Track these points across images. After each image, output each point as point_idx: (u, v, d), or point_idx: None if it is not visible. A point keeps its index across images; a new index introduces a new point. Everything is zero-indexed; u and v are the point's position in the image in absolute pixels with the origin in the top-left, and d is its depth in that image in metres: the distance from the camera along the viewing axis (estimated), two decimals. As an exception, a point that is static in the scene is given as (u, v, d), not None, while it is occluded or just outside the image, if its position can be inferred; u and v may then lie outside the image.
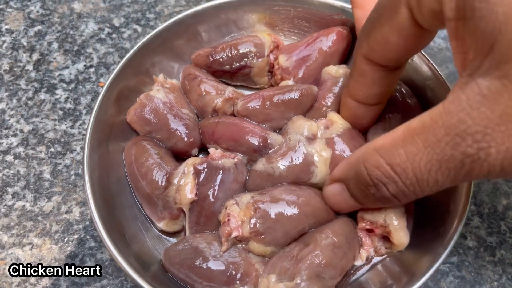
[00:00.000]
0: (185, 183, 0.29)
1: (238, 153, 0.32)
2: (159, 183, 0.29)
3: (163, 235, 0.31)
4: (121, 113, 0.33)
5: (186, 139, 0.32)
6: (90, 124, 0.30)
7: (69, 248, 0.35)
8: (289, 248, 0.28)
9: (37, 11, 0.45)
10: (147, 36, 0.33)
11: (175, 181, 0.29)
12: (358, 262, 0.29)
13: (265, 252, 0.28)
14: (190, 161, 0.30)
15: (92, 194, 0.28)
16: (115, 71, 0.32)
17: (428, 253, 0.28)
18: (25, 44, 0.43)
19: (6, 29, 0.44)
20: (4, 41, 0.43)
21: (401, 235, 0.28)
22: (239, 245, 0.28)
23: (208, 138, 0.33)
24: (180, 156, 0.33)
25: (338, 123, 0.31)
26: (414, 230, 0.30)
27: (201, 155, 0.34)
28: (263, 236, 0.28)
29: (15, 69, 0.42)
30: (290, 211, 0.28)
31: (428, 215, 0.30)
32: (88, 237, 0.35)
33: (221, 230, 0.28)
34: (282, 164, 0.30)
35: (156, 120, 0.32)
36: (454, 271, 0.34)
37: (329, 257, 0.27)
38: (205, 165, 0.30)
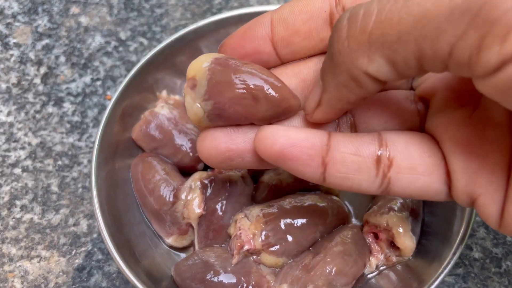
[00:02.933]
0: (193, 198, 0.29)
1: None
2: (167, 199, 0.30)
3: (172, 251, 0.31)
4: (126, 131, 0.33)
5: (191, 154, 0.33)
6: (97, 143, 0.30)
7: (77, 261, 0.35)
8: (300, 257, 0.29)
9: (45, 25, 0.45)
10: (150, 54, 0.34)
11: (183, 196, 0.30)
12: (368, 270, 0.30)
13: (277, 264, 0.28)
14: (196, 175, 0.31)
15: (101, 212, 0.28)
16: (119, 90, 0.32)
17: (437, 260, 0.28)
18: (32, 57, 0.43)
19: (14, 43, 0.44)
20: (12, 55, 0.44)
21: (405, 239, 0.29)
22: (250, 258, 0.29)
23: (214, 151, 0.33)
24: (186, 171, 0.33)
25: None
26: (422, 237, 0.31)
27: (208, 170, 0.34)
28: (275, 247, 0.28)
29: (23, 82, 0.42)
30: (300, 221, 0.29)
31: (435, 221, 0.31)
32: (95, 249, 0.35)
33: (232, 243, 0.29)
34: (289, 176, 0.31)
35: (161, 136, 0.33)
36: (460, 282, 0.34)
37: (340, 265, 0.27)
38: (212, 179, 0.30)
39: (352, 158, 0.21)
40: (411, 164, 0.21)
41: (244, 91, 0.21)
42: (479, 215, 0.20)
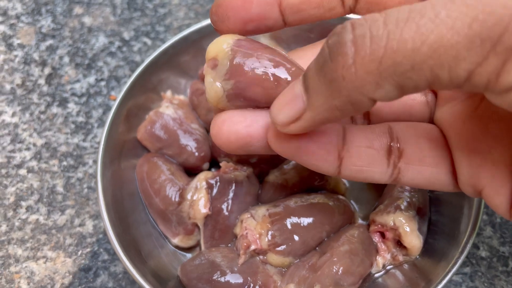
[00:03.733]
0: (198, 198, 0.29)
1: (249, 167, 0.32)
2: (173, 199, 0.30)
3: (178, 251, 0.31)
4: (131, 131, 0.33)
5: (197, 153, 0.33)
6: (102, 144, 0.30)
7: (83, 261, 0.35)
8: (306, 257, 0.29)
9: (48, 26, 0.45)
10: (153, 54, 0.34)
11: (188, 196, 0.30)
12: (375, 269, 0.30)
13: (284, 263, 0.28)
14: (202, 175, 0.30)
15: (107, 212, 0.28)
16: (123, 91, 0.32)
17: (444, 259, 0.28)
18: (37, 58, 0.43)
19: (18, 43, 0.44)
20: (16, 56, 0.44)
21: (412, 238, 0.29)
22: (256, 257, 0.29)
23: (219, 151, 0.33)
24: (191, 171, 0.33)
25: None
26: (429, 236, 0.31)
27: (212, 169, 0.34)
28: (281, 247, 0.28)
29: (27, 83, 0.42)
30: (306, 220, 0.29)
31: (442, 220, 0.31)
32: (101, 250, 0.35)
33: (238, 243, 0.29)
34: (295, 176, 0.31)
35: (166, 136, 0.33)
36: (467, 281, 0.34)
37: (346, 264, 0.27)
38: (217, 179, 0.30)
39: (367, 152, 0.21)
40: (420, 155, 0.21)
41: (266, 72, 0.21)
42: (488, 205, 0.21)
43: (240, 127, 0.21)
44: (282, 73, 0.21)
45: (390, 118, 0.23)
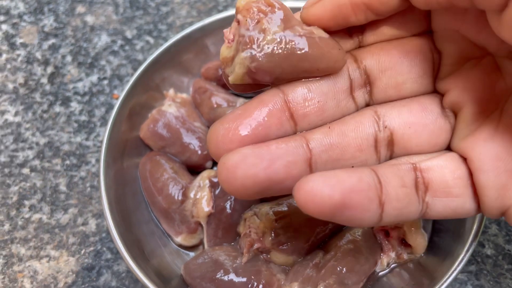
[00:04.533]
0: (202, 197, 0.29)
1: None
2: (176, 198, 0.30)
3: (181, 250, 0.31)
4: (134, 130, 0.33)
5: (199, 152, 0.32)
6: (105, 142, 0.30)
7: (86, 260, 0.35)
8: (310, 255, 0.28)
9: (51, 25, 0.45)
10: (156, 53, 0.34)
11: (191, 195, 0.30)
12: (379, 268, 0.29)
13: (287, 262, 0.28)
14: (205, 174, 0.30)
15: (110, 211, 0.28)
16: (126, 89, 0.32)
17: (449, 257, 0.28)
18: (39, 57, 0.43)
19: (21, 43, 0.44)
20: (19, 55, 0.44)
21: (416, 237, 0.29)
22: (260, 256, 0.28)
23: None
24: (194, 170, 0.33)
25: None
26: (434, 234, 0.30)
27: (215, 168, 0.34)
28: (285, 246, 0.28)
29: (30, 82, 0.42)
30: (309, 219, 0.29)
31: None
32: (104, 248, 0.35)
33: (242, 241, 0.29)
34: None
35: (169, 135, 0.32)
36: (473, 280, 0.33)
37: (350, 263, 0.27)
38: (220, 177, 0.30)
39: (403, 191, 0.20)
40: (446, 188, 0.20)
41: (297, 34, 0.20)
42: (510, 224, 0.20)
43: (258, 171, 0.19)
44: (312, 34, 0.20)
45: (416, 150, 0.22)
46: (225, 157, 0.19)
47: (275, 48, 0.19)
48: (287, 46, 0.19)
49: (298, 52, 0.20)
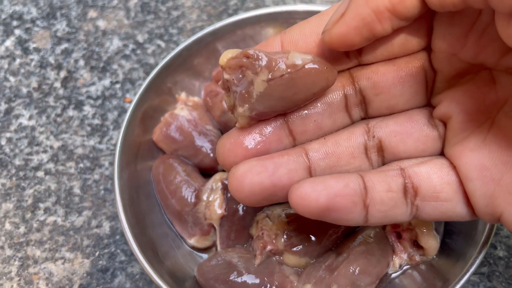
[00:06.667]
0: (214, 199, 0.30)
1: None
2: (189, 200, 0.30)
3: (194, 252, 0.32)
4: (147, 133, 0.34)
5: (212, 155, 0.33)
6: (118, 146, 0.31)
7: (100, 262, 0.35)
8: (323, 257, 0.29)
9: (63, 30, 0.46)
10: (168, 57, 0.34)
11: (204, 197, 0.30)
12: (391, 269, 0.30)
13: (300, 264, 0.28)
14: (217, 176, 0.31)
15: (124, 213, 0.28)
16: (139, 93, 0.32)
17: (461, 259, 0.28)
18: (52, 62, 0.44)
19: (34, 47, 0.45)
20: (32, 60, 0.44)
21: (428, 238, 0.29)
22: (272, 258, 0.29)
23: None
24: (206, 172, 0.33)
25: None
26: (446, 236, 0.30)
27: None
28: (298, 248, 0.28)
29: (43, 86, 0.43)
30: (322, 221, 0.29)
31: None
32: (118, 251, 0.36)
33: (255, 243, 0.29)
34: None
35: (182, 138, 0.33)
36: (485, 281, 0.33)
37: (363, 265, 0.27)
38: (232, 179, 0.30)
39: (388, 196, 0.21)
40: (434, 192, 0.22)
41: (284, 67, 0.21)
42: (510, 231, 0.21)
43: (263, 178, 0.21)
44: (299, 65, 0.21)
45: (404, 155, 0.23)
46: (234, 168, 0.22)
47: (267, 93, 0.21)
48: (278, 88, 0.21)
49: (290, 89, 0.21)
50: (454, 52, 0.21)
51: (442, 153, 0.23)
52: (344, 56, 0.23)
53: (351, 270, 0.27)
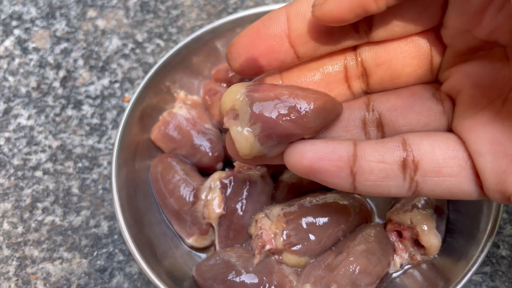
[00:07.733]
0: (213, 198, 0.29)
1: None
2: (187, 199, 0.30)
3: (193, 251, 0.31)
4: (145, 132, 0.33)
5: (210, 154, 0.32)
6: (116, 145, 0.30)
7: (98, 262, 0.35)
8: (322, 256, 0.28)
9: (63, 29, 0.46)
10: (166, 55, 0.34)
11: (203, 196, 0.30)
12: (392, 269, 0.29)
13: (299, 263, 0.28)
14: (216, 175, 0.30)
15: (122, 213, 0.28)
16: (137, 92, 0.32)
17: (463, 258, 0.27)
18: (51, 61, 0.44)
19: (33, 47, 0.45)
20: (31, 59, 0.44)
21: (430, 237, 0.28)
22: (271, 257, 0.28)
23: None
24: (205, 171, 0.33)
25: None
26: (447, 234, 0.30)
27: (226, 169, 0.34)
28: (297, 247, 0.28)
29: (42, 86, 0.43)
30: (321, 220, 0.29)
31: (461, 218, 0.30)
32: (116, 250, 0.35)
33: (253, 242, 0.29)
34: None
35: (180, 136, 0.33)
36: (488, 281, 0.33)
37: (363, 264, 0.27)
38: (231, 178, 0.30)
39: (379, 166, 0.21)
40: (436, 167, 0.21)
41: (290, 105, 0.21)
42: None
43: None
44: (304, 99, 0.21)
45: (404, 129, 0.23)
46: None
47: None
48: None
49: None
50: (468, 29, 0.20)
51: (448, 130, 0.22)
52: (352, 30, 0.22)
53: (351, 270, 0.26)
